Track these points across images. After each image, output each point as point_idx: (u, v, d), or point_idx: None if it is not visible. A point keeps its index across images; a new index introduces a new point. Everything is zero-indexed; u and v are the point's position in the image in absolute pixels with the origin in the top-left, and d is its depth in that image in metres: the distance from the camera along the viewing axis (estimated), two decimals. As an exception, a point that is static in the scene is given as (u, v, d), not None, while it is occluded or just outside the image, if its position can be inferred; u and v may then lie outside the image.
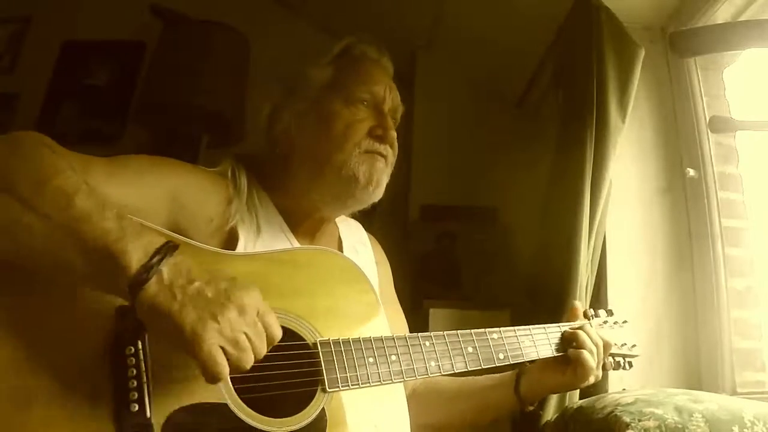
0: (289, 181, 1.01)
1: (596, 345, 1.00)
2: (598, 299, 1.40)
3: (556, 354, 1.00)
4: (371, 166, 0.96)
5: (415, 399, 0.99)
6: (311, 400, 0.78)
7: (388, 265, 1.19)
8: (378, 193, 0.99)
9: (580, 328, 1.02)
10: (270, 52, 2.16)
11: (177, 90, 2.02)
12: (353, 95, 0.99)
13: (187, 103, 2.01)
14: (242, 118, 2.08)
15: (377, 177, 0.97)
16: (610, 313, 1.12)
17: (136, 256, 0.63)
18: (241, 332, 0.64)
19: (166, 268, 0.63)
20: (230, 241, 0.91)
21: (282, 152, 1.01)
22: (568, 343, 1.00)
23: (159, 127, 2.19)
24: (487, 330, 0.96)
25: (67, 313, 0.68)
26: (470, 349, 0.92)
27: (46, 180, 0.66)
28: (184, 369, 0.70)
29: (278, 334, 0.69)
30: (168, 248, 0.65)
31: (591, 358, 0.98)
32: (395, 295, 1.17)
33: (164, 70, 2.09)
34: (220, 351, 0.62)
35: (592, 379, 1.00)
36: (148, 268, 0.62)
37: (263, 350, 0.67)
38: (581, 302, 1.26)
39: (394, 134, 0.99)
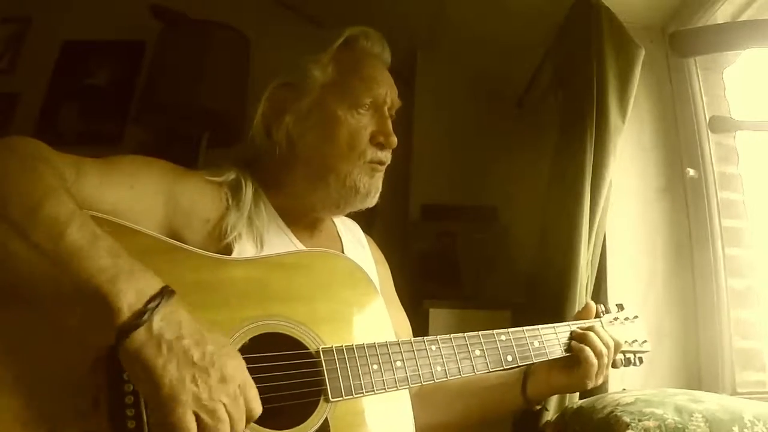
0: (289, 182, 1.00)
1: (607, 346, 0.99)
2: (598, 299, 1.39)
3: (565, 354, 0.99)
4: (372, 178, 0.98)
5: (420, 397, 0.97)
6: (314, 411, 0.76)
7: (387, 264, 1.19)
8: (374, 200, 1.00)
9: (590, 328, 1.00)
10: (270, 52, 2.16)
11: (177, 90, 2.01)
12: (357, 100, 0.97)
13: (187, 103, 2.01)
14: (242, 118, 2.07)
15: (376, 187, 0.99)
16: (620, 308, 1.10)
17: (127, 299, 0.60)
18: (220, 402, 0.62)
19: (157, 318, 0.61)
20: (225, 254, 0.87)
21: (282, 154, 0.98)
22: (578, 343, 0.99)
23: (159, 127, 2.18)
24: (495, 331, 0.93)
25: (60, 328, 0.64)
26: (477, 352, 0.90)
27: (38, 204, 0.62)
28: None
29: (258, 410, 0.66)
30: (163, 295, 0.62)
31: (596, 360, 0.97)
32: (395, 295, 1.16)
33: (164, 70, 2.08)
34: (193, 417, 0.60)
35: (600, 380, 0.99)
36: (140, 315, 0.60)
37: (241, 426, 0.64)
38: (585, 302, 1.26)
39: (395, 139, 0.99)
